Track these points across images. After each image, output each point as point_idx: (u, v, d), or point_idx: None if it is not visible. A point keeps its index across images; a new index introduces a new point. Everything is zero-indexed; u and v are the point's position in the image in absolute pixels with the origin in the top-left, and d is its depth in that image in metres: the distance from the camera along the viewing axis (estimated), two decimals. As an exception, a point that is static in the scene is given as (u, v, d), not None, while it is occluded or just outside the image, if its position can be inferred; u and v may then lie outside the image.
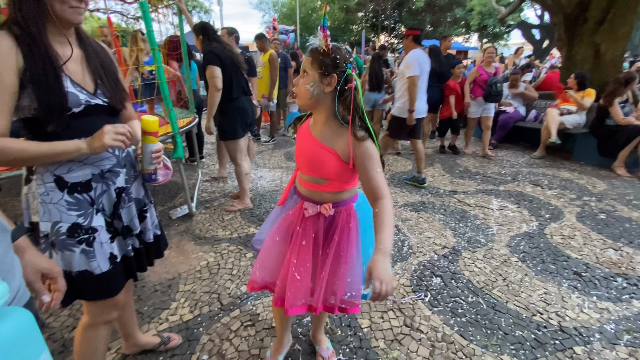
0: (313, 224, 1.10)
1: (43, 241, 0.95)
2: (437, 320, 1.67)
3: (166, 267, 2.09)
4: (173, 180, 3.62)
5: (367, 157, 0.96)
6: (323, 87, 0.96)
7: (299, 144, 1.12)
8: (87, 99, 0.94)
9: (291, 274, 1.07)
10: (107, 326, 1.15)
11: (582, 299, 1.84)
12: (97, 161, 0.99)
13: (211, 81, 2.43)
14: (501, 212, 2.90)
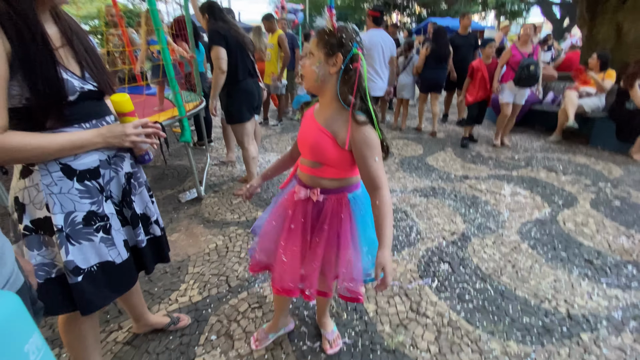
0: (302, 209, 1.11)
1: (58, 236, 0.89)
2: (444, 306, 1.67)
3: (175, 250, 2.13)
4: (182, 164, 3.65)
5: (365, 144, 0.94)
6: (328, 67, 0.93)
7: (302, 129, 1.10)
8: (81, 84, 0.89)
9: (279, 256, 1.12)
10: (89, 319, 1.09)
11: (592, 286, 1.82)
12: (103, 147, 0.96)
13: (216, 62, 2.37)
14: (513, 198, 2.85)
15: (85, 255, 0.94)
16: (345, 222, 1.08)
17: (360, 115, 0.94)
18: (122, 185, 1.05)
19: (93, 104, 0.95)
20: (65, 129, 0.88)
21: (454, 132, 4.90)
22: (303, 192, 1.09)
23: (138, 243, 1.10)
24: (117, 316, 1.61)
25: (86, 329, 1.09)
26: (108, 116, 1.02)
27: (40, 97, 0.80)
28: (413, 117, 5.72)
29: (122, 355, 1.42)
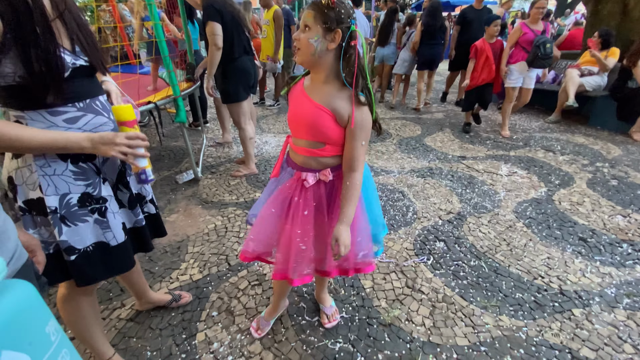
0: (314, 193, 1.08)
1: (52, 217, 0.89)
2: (439, 283, 1.71)
3: (175, 230, 2.15)
4: (178, 145, 3.62)
5: (361, 126, 0.96)
6: (327, 43, 0.91)
7: (292, 107, 1.06)
8: (72, 60, 0.86)
9: (296, 245, 1.08)
10: (87, 295, 1.11)
11: (585, 263, 1.86)
12: (95, 127, 0.94)
13: (211, 38, 2.29)
14: (510, 178, 2.86)
15: (80, 236, 0.93)
16: None
17: (362, 96, 0.93)
18: (117, 167, 1.03)
19: (85, 82, 0.93)
20: (60, 108, 0.87)
21: (452, 113, 4.86)
22: (312, 177, 1.06)
23: (137, 222, 1.10)
24: (119, 294, 1.65)
25: (85, 307, 1.11)
26: (101, 95, 0.99)
27: (36, 74, 0.77)
28: (412, 97, 5.65)
29: (126, 331, 1.45)
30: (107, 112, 0.99)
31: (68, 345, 0.48)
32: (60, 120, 0.87)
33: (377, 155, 3.36)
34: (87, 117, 0.92)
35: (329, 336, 1.42)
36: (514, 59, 3.63)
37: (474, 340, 1.41)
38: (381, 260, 1.86)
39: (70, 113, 0.89)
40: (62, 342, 0.46)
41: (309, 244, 1.08)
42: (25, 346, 0.40)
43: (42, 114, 0.85)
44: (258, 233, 1.16)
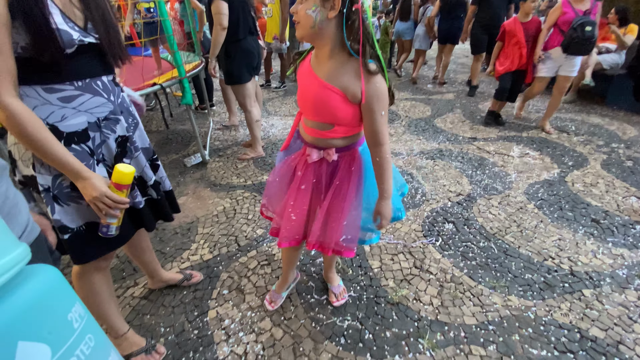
0: (315, 170, 1.09)
1: (44, 195, 0.89)
2: (447, 263, 1.71)
3: (185, 212, 2.17)
4: (185, 128, 3.62)
5: (376, 97, 0.88)
6: (326, 12, 0.82)
7: (301, 86, 1.01)
8: (80, 37, 0.84)
9: (287, 214, 1.13)
10: (101, 272, 1.12)
11: (597, 245, 1.83)
12: (92, 108, 0.92)
13: (216, 18, 2.23)
14: (522, 159, 2.80)
15: (72, 217, 0.93)
16: (354, 174, 1.08)
17: (371, 64, 0.86)
18: (112, 150, 1.00)
19: (90, 61, 0.91)
20: (55, 85, 0.85)
21: (463, 93, 4.74)
22: (315, 153, 1.05)
23: (135, 204, 1.07)
24: (132, 273, 1.69)
25: (98, 284, 1.13)
26: (106, 76, 0.97)
27: (37, 46, 0.76)
28: (423, 75, 5.50)
29: (140, 308, 1.50)
30: (109, 93, 0.96)
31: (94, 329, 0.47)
32: (54, 98, 0.86)
33: (385, 137, 3.31)
34: (84, 96, 0.90)
35: (338, 314, 1.44)
36: (549, 44, 3.06)
37: (482, 319, 1.41)
38: (389, 241, 1.86)
39: (66, 91, 0.87)
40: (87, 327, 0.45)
41: (299, 216, 1.13)
42: (45, 335, 0.39)
43: (37, 89, 0.83)
44: (269, 190, 1.25)
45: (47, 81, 0.83)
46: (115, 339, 1.26)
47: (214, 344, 1.33)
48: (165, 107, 3.94)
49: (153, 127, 3.72)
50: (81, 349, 0.43)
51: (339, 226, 1.10)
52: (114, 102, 0.98)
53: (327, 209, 1.10)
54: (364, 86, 0.87)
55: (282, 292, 1.49)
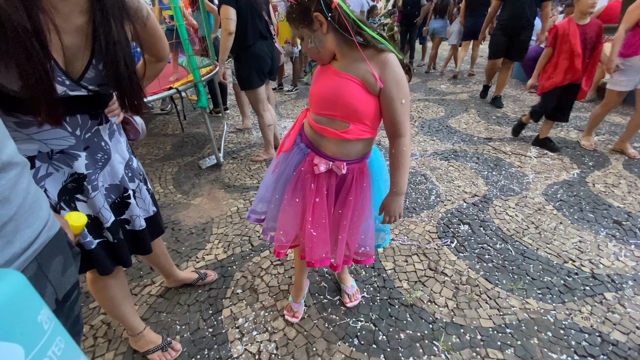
0: (325, 181, 1.06)
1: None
2: (462, 265, 1.68)
3: (200, 213, 2.21)
4: (200, 131, 3.69)
5: (395, 82, 0.87)
6: (320, 34, 0.89)
7: (315, 83, 1.01)
8: (67, 90, 0.76)
9: (308, 231, 1.09)
10: (113, 278, 1.10)
11: (620, 247, 1.76)
12: (48, 139, 0.81)
13: (223, 22, 2.25)
14: (539, 159, 2.73)
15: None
16: (366, 190, 1.07)
17: (376, 43, 0.88)
18: (58, 186, 0.87)
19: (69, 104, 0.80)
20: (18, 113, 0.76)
21: (477, 93, 4.66)
22: (324, 165, 1.01)
23: (85, 244, 0.94)
24: (149, 272, 1.73)
25: (111, 288, 1.13)
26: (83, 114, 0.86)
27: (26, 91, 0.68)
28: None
29: (157, 306, 1.53)
30: (76, 127, 0.85)
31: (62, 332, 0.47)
32: (10, 120, 0.76)
33: (398, 139, 3.29)
34: (44, 127, 0.79)
35: (351, 315, 1.44)
36: (630, 50, 2.44)
37: (499, 322, 1.38)
38: (403, 243, 1.85)
39: (25, 118, 0.77)
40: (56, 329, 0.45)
41: (320, 230, 1.08)
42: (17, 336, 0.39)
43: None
44: (286, 226, 1.13)
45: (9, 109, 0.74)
46: (132, 337, 1.29)
47: (228, 342, 1.34)
48: (180, 112, 4.03)
49: (169, 130, 3.81)
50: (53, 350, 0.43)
51: (357, 239, 1.13)
52: (80, 137, 0.87)
53: (348, 229, 1.09)
54: (372, 70, 0.87)
55: (300, 301, 1.45)
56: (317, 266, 1.15)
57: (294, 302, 1.45)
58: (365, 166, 1.06)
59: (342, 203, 1.08)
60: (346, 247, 1.16)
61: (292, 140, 1.09)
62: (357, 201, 1.07)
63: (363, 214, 1.08)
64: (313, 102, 1.02)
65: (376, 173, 1.11)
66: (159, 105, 4.46)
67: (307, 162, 1.05)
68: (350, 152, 1.01)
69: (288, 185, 1.09)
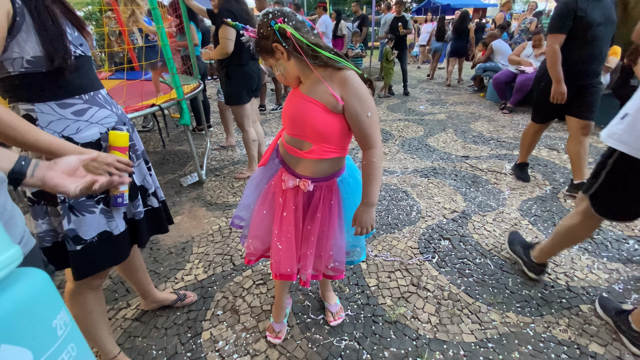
0: (293, 197, 1.09)
1: (61, 207, 0.91)
2: (444, 280, 1.70)
3: (180, 232, 2.16)
4: (182, 149, 3.65)
5: (356, 97, 0.90)
6: (282, 61, 0.95)
7: (286, 105, 1.06)
8: (73, 48, 0.89)
9: (274, 244, 1.12)
10: (94, 291, 1.12)
11: (592, 260, 1.84)
12: (101, 119, 0.98)
13: (222, 42, 2.33)
14: (514, 176, 2.84)
15: (87, 227, 0.95)
16: (334, 207, 1.09)
17: (335, 62, 0.92)
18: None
19: (87, 75, 0.95)
20: (68, 100, 0.90)
21: (454, 114, 4.86)
22: (291, 182, 1.05)
23: (135, 215, 1.10)
24: (124, 294, 1.65)
25: (91, 303, 1.11)
26: (102, 89, 1.02)
27: (45, 57, 0.80)
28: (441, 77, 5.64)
29: (132, 330, 1.46)
30: (110, 105, 1.02)
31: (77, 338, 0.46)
32: (68, 113, 0.91)
33: (380, 156, 3.36)
34: (93, 109, 0.96)
35: (335, 334, 1.41)
36: None
37: (481, 336, 1.39)
38: (386, 259, 1.86)
39: (77, 105, 0.92)
40: (70, 336, 0.44)
41: (285, 243, 1.10)
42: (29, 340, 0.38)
43: (52, 105, 0.88)
44: (256, 230, 1.18)
45: (60, 97, 0.88)
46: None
47: (207, 367, 1.29)
48: (162, 129, 3.99)
49: (150, 147, 3.75)
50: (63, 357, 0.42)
51: (327, 255, 1.14)
52: (116, 113, 1.04)
53: (315, 244, 1.11)
54: (330, 89, 0.91)
55: (282, 320, 1.42)
56: (282, 279, 1.18)
57: (275, 322, 1.41)
58: (334, 184, 1.09)
59: (310, 219, 1.11)
60: (317, 262, 1.17)
61: (268, 155, 1.15)
62: (324, 218, 1.09)
63: (331, 231, 1.10)
64: (284, 123, 1.08)
65: (353, 192, 1.13)
66: (141, 122, 4.40)
67: (277, 177, 1.11)
68: (316, 170, 1.05)
69: (259, 197, 1.16)
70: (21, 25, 0.78)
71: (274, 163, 1.15)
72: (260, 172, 1.18)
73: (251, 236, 1.19)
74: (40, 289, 0.42)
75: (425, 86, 6.94)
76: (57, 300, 0.45)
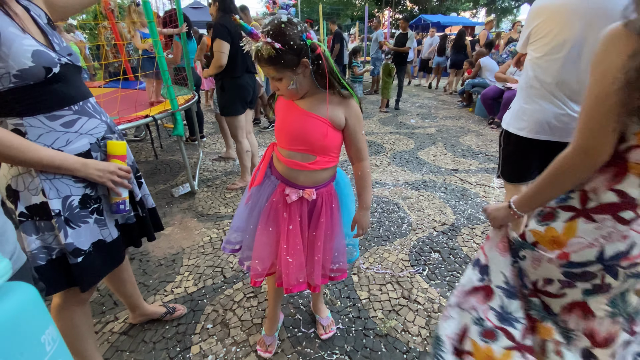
0: (297, 209, 1.10)
1: (56, 220, 0.90)
2: (434, 293, 1.72)
3: (170, 243, 2.14)
4: (174, 159, 3.63)
5: (357, 117, 1.03)
6: (301, 76, 0.93)
7: (281, 118, 1.06)
8: (57, 57, 0.88)
9: (284, 258, 1.12)
10: (81, 305, 1.10)
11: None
12: (90, 129, 0.97)
13: (217, 55, 2.37)
14: (502, 189, 2.91)
15: (84, 238, 0.95)
16: (335, 210, 1.14)
17: (344, 91, 1.00)
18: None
19: (74, 83, 0.94)
20: (56, 112, 0.89)
21: (444, 128, 4.97)
22: (295, 195, 1.06)
23: (129, 219, 1.13)
24: (112, 307, 1.62)
25: (78, 317, 1.10)
26: (91, 97, 1.02)
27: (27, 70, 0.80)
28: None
29: (119, 344, 1.43)
30: (99, 114, 1.03)
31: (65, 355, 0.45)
32: (57, 125, 0.90)
33: (372, 168, 3.40)
34: (82, 119, 0.96)
35: (325, 348, 1.41)
36: None
37: (470, 349, 1.41)
38: (377, 271, 1.87)
39: (67, 117, 0.92)
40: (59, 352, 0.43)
41: (295, 256, 1.11)
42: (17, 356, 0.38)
43: (40, 119, 0.87)
44: (260, 255, 1.16)
45: (49, 109, 0.88)
46: (90, 378, 1.19)
47: (196, 382, 1.27)
48: (155, 138, 3.97)
49: (142, 157, 3.73)
50: None
51: (330, 258, 1.18)
52: (106, 121, 1.04)
53: (322, 250, 1.13)
54: (344, 113, 1.01)
55: (274, 333, 1.42)
56: (295, 291, 1.16)
57: (267, 335, 1.40)
58: (332, 188, 1.14)
59: (315, 225, 1.13)
60: (324, 266, 1.19)
61: (262, 173, 1.14)
62: (327, 222, 1.13)
63: (334, 233, 1.15)
64: (282, 139, 1.07)
65: (344, 193, 1.19)
66: (133, 132, 4.38)
67: (278, 193, 1.11)
68: (318, 179, 1.09)
69: (261, 216, 1.13)
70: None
71: (270, 181, 1.14)
72: (255, 193, 1.16)
73: (256, 257, 1.16)
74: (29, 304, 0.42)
75: (416, 100, 7.10)
76: (45, 316, 0.44)
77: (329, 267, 1.20)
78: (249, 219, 1.17)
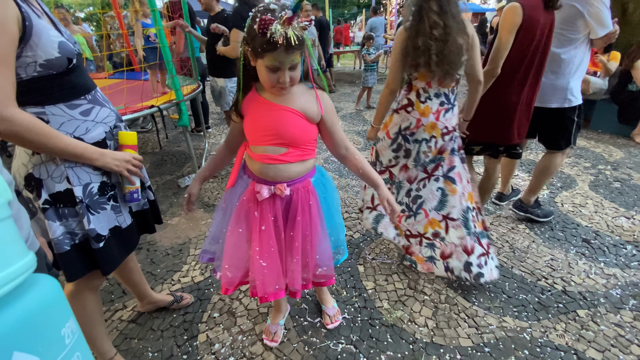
0: (270, 207, 1.04)
1: (79, 207, 0.93)
2: (441, 284, 1.70)
3: (177, 233, 2.15)
4: (180, 149, 3.64)
5: (332, 110, 1.04)
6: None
7: (252, 116, 1.01)
8: (75, 48, 0.91)
9: (257, 262, 1.06)
10: (93, 292, 1.12)
11: (589, 265, 1.84)
12: (104, 118, 1.00)
13: (233, 45, 2.37)
14: (512, 181, 2.85)
15: (103, 224, 0.98)
16: (313, 207, 1.08)
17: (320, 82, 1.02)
18: None
19: (85, 73, 0.97)
20: (75, 101, 0.92)
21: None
22: (266, 190, 1.01)
23: (142, 206, 1.16)
24: (121, 296, 1.64)
25: (90, 304, 1.12)
26: (97, 87, 1.04)
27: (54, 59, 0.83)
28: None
29: (128, 332, 1.45)
30: (107, 103, 1.05)
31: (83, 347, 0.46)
32: (77, 113, 0.93)
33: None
34: (96, 109, 0.98)
35: (331, 337, 1.41)
36: None
37: (478, 341, 1.39)
38: (383, 262, 1.86)
39: (83, 106, 0.94)
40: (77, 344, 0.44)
41: (269, 259, 1.06)
42: (38, 348, 0.38)
43: (61, 107, 0.89)
44: (232, 259, 1.11)
45: (69, 98, 0.90)
46: (101, 364, 1.22)
47: (203, 370, 1.28)
48: (161, 130, 3.99)
49: (149, 148, 3.75)
50: None
51: (313, 261, 1.12)
52: (114, 110, 1.07)
53: (301, 250, 1.08)
54: (321, 106, 1.01)
55: (279, 322, 1.41)
56: (272, 299, 1.12)
57: (272, 323, 1.41)
58: (309, 184, 1.08)
59: (291, 226, 1.07)
60: (305, 269, 1.14)
61: (235, 174, 1.11)
62: (305, 220, 1.07)
63: (314, 232, 1.08)
64: (253, 136, 1.02)
65: (328, 193, 1.14)
66: (140, 122, 4.40)
67: (249, 191, 1.06)
68: (292, 173, 1.04)
69: (232, 216, 1.09)
70: (31, 29, 0.78)
71: (242, 180, 1.10)
72: (228, 195, 1.13)
73: (226, 262, 1.11)
74: (52, 296, 0.42)
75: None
76: (66, 309, 0.45)
77: (313, 272, 1.15)
78: (222, 222, 1.13)
